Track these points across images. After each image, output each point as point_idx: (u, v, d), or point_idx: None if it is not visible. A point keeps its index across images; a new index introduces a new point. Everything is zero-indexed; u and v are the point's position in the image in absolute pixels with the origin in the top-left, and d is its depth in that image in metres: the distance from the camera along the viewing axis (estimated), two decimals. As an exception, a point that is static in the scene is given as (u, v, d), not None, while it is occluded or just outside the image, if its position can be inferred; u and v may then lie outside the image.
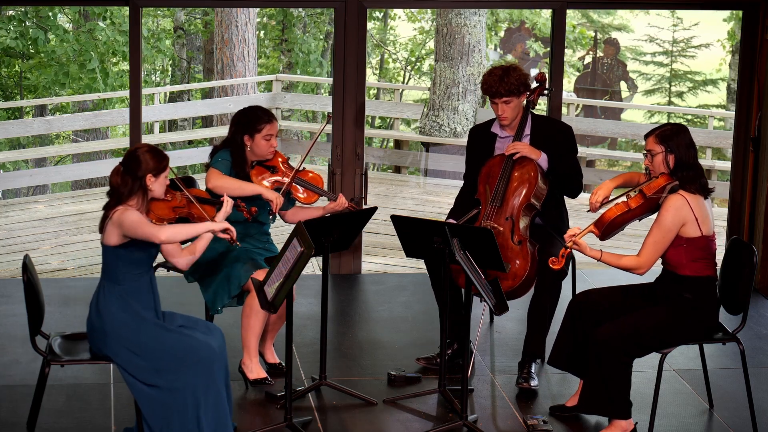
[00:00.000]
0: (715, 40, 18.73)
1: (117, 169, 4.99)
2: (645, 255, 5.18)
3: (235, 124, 5.87)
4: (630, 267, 5.20)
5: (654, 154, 5.24)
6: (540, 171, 5.90)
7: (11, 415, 5.50)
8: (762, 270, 7.59)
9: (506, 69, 5.96)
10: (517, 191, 5.88)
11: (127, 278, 4.99)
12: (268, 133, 5.83)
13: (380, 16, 19.50)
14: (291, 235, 5.01)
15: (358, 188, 7.77)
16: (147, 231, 4.89)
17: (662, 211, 5.17)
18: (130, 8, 7.47)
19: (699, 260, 5.21)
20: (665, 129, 5.26)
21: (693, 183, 5.18)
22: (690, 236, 5.17)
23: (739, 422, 5.60)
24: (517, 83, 5.91)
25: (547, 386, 5.99)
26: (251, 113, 5.86)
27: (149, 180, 4.97)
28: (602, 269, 7.84)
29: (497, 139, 6.12)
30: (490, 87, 5.93)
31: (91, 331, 5.05)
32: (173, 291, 7.16)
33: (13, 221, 11.09)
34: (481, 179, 6.00)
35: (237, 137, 5.85)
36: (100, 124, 14.59)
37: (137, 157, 4.96)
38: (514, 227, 5.83)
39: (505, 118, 5.99)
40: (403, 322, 6.95)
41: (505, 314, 5.30)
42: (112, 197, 4.98)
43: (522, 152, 5.90)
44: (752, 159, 7.80)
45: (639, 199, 5.22)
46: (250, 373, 5.82)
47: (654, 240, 5.16)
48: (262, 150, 5.85)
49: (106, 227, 4.95)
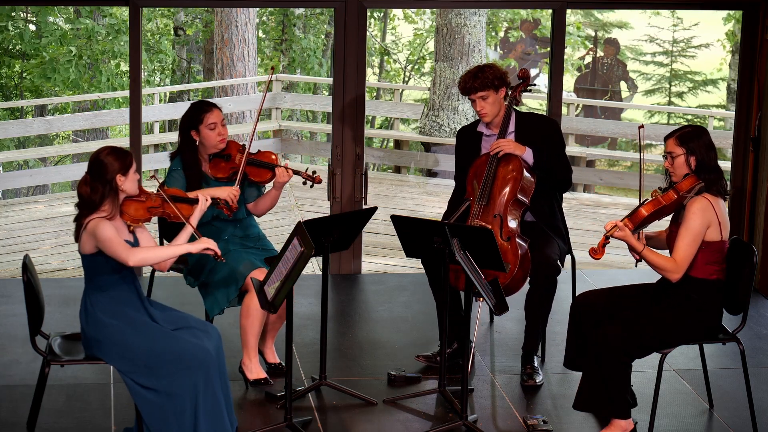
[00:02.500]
0: (715, 40, 18.74)
1: (84, 180, 4.94)
2: (680, 258, 5.16)
3: (181, 123, 5.89)
4: (667, 268, 5.17)
5: (675, 156, 5.23)
6: (525, 165, 5.91)
7: (11, 415, 5.49)
8: (762, 270, 7.59)
9: (481, 66, 6.03)
10: (502, 188, 5.89)
11: (110, 283, 4.97)
12: (211, 122, 5.82)
13: (380, 16, 19.49)
14: (291, 235, 5.01)
15: (358, 188, 7.77)
16: (118, 253, 4.86)
17: (689, 215, 5.16)
18: (130, 8, 7.47)
19: (712, 264, 5.22)
20: (686, 131, 5.26)
21: (716, 185, 5.19)
22: (710, 239, 5.18)
23: (739, 422, 5.60)
24: (492, 77, 5.93)
25: (548, 386, 5.99)
26: (191, 108, 5.88)
27: (119, 180, 4.93)
28: (602, 269, 7.84)
29: (483, 138, 6.13)
30: (465, 83, 5.98)
31: (84, 339, 5.04)
32: (173, 291, 7.16)
33: (13, 221, 11.09)
34: (469, 179, 6.03)
35: (186, 136, 5.86)
36: (100, 124, 14.60)
37: (101, 161, 4.92)
38: (502, 224, 5.84)
39: (484, 114, 6.00)
40: (403, 322, 6.95)
41: (505, 314, 5.30)
42: (83, 208, 4.94)
43: (505, 149, 5.91)
44: (752, 159, 7.80)
45: (671, 196, 5.21)
46: (249, 374, 5.82)
47: (686, 243, 5.15)
48: (211, 140, 5.84)
49: (81, 237, 4.93)
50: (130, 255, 4.89)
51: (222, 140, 5.85)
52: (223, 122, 5.86)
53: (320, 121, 17.24)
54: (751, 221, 7.82)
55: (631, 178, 13.56)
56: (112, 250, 4.86)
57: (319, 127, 16.42)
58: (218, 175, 5.87)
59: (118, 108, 15.08)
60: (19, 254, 9.64)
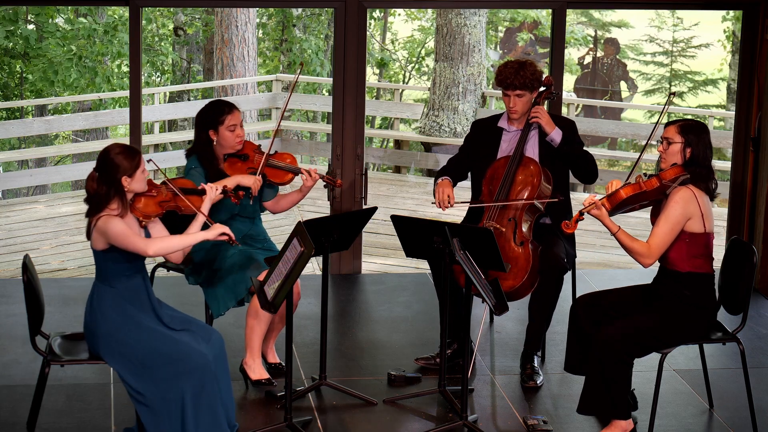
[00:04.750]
0: (715, 40, 18.73)
1: (92, 176, 4.94)
2: (654, 244, 5.13)
3: (199, 121, 5.88)
4: (639, 252, 5.15)
5: (672, 142, 5.21)
6: (544, 173, 5.90)
7: (11, 415, 5.50)
8: (762, 270, 7.59)
9: (522, 62, 5.99)
10: (520, 193, 5.88)
11: (120, 279, 4.97)
12: (231, 124, 5.83)
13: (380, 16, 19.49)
14: (291, 235, 5.01)
15: (358, 188, 7.77)
16: (134, 245, 4.85)
17: (671, 203, 5.14)
18: (130, 8, 7.46)
19: (698, 257, 5.21)
20: (689, 122, 5.25)
21: (703, 182, 5.18)
22: (693, 231, 5.17)
23: (739, 422, 5.60)
24: (531, 77, 5.94)
25: (548, 386, 5.99)
26: (211, 108, 5.87)
27: (125, 182, 4.92)
28: (602, 269, 7.84)
29: (503, 133, 6.12)
30: (506, 78, 5.95)
31: (87, 333, 5.05)
32: (174, 291, 7.16)
33: (13, 221, 11.08)
34: (485, 181, 6.00)
35: (202, 135, 5.86)
36: (100, 124, 14.59)
37: (111, 160, 4.91)
38: (516, 228, 5.83)
39: (515, 111, 6.00)
40: (403, 322, 6.95)
41: (505, 314, 5.30)
42: (91, 204, 4.94)
43: (541, 119, 5.92)
44: (752, 159, 7.80)
45: (654, 183, 5.18)
46: (252, 374, 5.81)
47: (663, 231, 5.14)
48: (229, 141, 5.85)
49: (92, 234, 4.93)
50: (149, 245, 4.88)
51: (240, 141, 5.87)
52: (241, 124, 5.88)
53: (320, 121, 17.24)
54: (751, 221, 7.82)
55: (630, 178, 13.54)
56: (127, 243, 4.85)
57: (319, 127, 16.42)
58: (235, 174, 5.87)
59: (119, 108, 15.09)
60: (19, 254, 9.64)
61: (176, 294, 7.04)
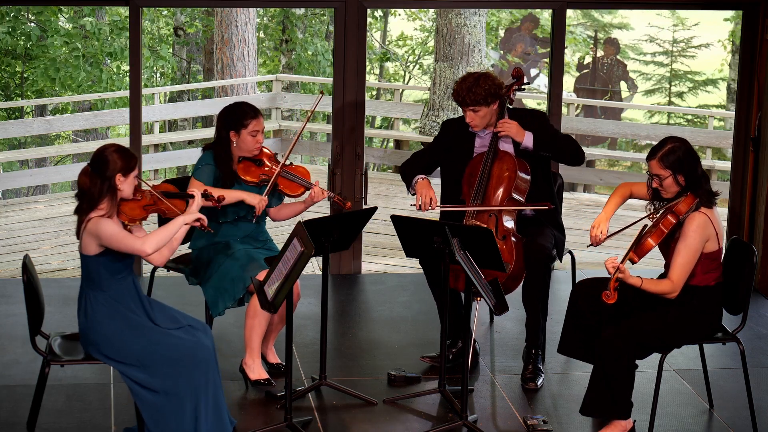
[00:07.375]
0: (715, 41, 18.73)
1: (85, 171, 4.91)
2: (677, 278, 5.16)
3: (222, 120, 5.86)
4: (665, 292, 5.18)
5: (663, 178, 5.21)
6: (519, 164, 5.90)
7: (11, 415, 5.50)
8: (762, 270, 7.59)
9: (477, 78, 5.95)
10: (497, 187, 5.90)
11: (112, 284, 4.95)
12: (254, 129, 5.82)
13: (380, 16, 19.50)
14: (291, 235, 5.01)
15: (358, 188, 7.77)
16: (130, 245, 4.83)
17: (688, 232, 5.14)
18: (130, 8, 7.46)
19: (712, 271, 5.23)
20: (665, 150, 5.20)
21: (708, 197, 5.18)
22: (709, 251, 5.19)
23: (739, 422, 5.60)
24: (484, 94, 5.91)
25: (548, 386, 5.99)
26: (237, 109, 5.85)
27: (118, 180, 4.89)
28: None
29: (476, 135, 6.13)
30: (458, 94, 5.96)
31: (83, 339, 5.04)
32: (174, 291, 7.16)
33: (13, 221, 11.08)
34: (464, 180, 6.03)
35: (222, 133, 5.85)
36: (100, 124, 14.59)
37: (105, 157, 4.89)
38: (498, 223, 5.85)
39: (474, 125, 6.02)
40: (403, 322, 6.95)
41: (505, 314, 5.30)
42: (82, 200, 4.91)
43: (508, 131, 5.91)
44: (752, 159, 7.80)
45: (672, 221, 5.18)
46: (251, 374, 5.81)
47: (684, 261, 5.15)
48: (249, 146, 5.84)
49: (83, 237, 4.90)
50: (146, 242, 4.85)
51: (258, 148, 5.86)
52: (263, 130, 5.87)
53: (320, 121, 17.24)
54: (751, 221, 7.82)
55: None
56: (122, 244, 4.83)
57: (319, 127, 16.42)
58: (247, 177, 5.86)
59: (119, 108, 15.09)
60: (19, 254, 9.64)
61: (176, 294, 7.04)
